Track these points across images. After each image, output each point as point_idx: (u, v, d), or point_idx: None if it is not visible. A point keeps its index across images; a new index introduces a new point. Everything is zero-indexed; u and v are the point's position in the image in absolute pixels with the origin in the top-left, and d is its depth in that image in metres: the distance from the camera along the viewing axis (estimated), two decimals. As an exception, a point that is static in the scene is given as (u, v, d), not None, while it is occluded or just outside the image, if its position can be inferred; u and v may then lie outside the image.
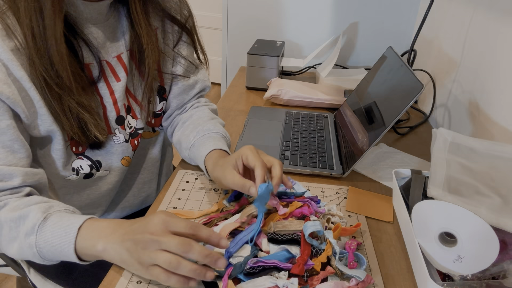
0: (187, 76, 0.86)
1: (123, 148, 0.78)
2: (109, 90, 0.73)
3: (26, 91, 0.62)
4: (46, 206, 0.60)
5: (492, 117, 0.89)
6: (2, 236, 0.60)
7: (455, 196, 0.62)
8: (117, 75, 0.74)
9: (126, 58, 0.75)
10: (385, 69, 0.96)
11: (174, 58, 0.84)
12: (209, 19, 3.05)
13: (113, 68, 0.73)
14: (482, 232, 0.57)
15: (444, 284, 0.57)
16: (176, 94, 0.87)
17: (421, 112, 1.25)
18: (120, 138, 0.77)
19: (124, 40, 0.75)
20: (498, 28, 0.89)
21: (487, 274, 0.57)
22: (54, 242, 0.56)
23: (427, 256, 0.60)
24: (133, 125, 0.79)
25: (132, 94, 0.79)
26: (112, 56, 0.73)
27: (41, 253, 0.58)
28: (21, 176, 0.61)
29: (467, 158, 0.69)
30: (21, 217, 0.58)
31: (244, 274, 0.56)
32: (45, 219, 0.58)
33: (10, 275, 1.50)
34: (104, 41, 0.72)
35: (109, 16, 0.72)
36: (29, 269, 0.88)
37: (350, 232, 0.66)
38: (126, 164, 0.81)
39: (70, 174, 0.73)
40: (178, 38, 0.83)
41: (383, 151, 0.98)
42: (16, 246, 0.59)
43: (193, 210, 0.73)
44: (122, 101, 0.75)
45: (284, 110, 1.15)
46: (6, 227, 0.59)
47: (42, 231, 0.57)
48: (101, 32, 0.71)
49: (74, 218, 0.59)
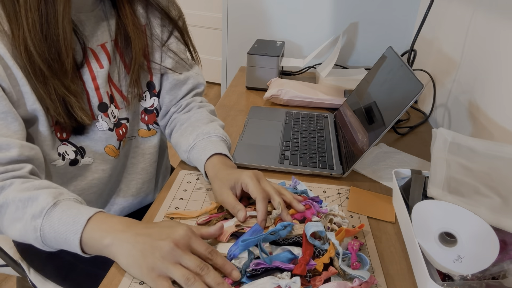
0: (178, 72, 0.87)
1: (107, 136, 0.78)
2: (91, 75, 0.73)
3: (10, 69, 0.62)
4: (57, 192, 0.60)
5: (492, 117, 0.89)
6: (6, 215, 0.60)
7: (455, 196, 0.62)
8: (100, 62, 0.75)
9: (110, 47, 0.76)
10: (385, 69, 0.96)
11: (164, 52, 0.85)
12: (209, 19, 3.04)
13: (96, 55, 0.74)
14: (482, 232, 0.57)
15: (444, 284, 0.57)
16: (167, 89, 0.87)
17: (421, 112, 1.25)
18: (103, 125, 0.77)
19: (109, 30, 0.76)
20: (498, 28, 0.89)
21: (487, 274, 0.57)
22: (60, 229, 0.56)
23: (427, 256, 0.60)
24: (116, 115, 0.80)
25: (115, 84, 0.79)
26: (96, 44, 0.74)
27: (44, 238, 0.57)
28: (18, 148, 0.62)
29: (467, 158, 0.69)
30: (30, 198, 0.58)
31: (246, 276, 0.56)
32: (55, 205, 0.58)
33: (10, 275, 1.50)
34: (89, 29, 0.73)
35: (95, 6, 0.74)
36: (29, 269, 0.88)
37: (353, 232, 0.66)
38: (111, 154, 0.81)
39: (56, 158, 0.73)
40: (168, 35, 0.84)
41: (383, 151, 0.99)
42: (19, 227, 0.59)
43: (195, 210, 0.73)
44: (104, 88, 0.76)
45: (284, 110, 1.15)
46: (13, 206, 0.59)
47: (49, 216, 0.57)
48: (87, 20, 0.73)
49: (84, 208, 0.59)
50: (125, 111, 0.81)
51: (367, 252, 0.66)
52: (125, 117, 0.82)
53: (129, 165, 0.88)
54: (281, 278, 0.55)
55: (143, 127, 0.87)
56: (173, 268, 0.52)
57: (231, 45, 1.65)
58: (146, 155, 0.90)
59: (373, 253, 0.66)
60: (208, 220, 0.69)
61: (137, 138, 0.87)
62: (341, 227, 0.63)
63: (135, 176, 0.90)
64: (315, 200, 0.70)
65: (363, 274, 0.56)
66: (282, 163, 0.88)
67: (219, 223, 0.63)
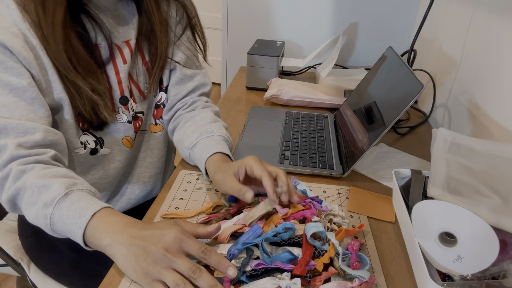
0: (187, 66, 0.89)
1: (125, 127, 0.82)
2: (115, 70, 0.77)
3: (40, 59, 0.66)
4: (71, 182, 0.61)
5: (493, 117, 0.89)
6: (24, 198, 0.61)
7: (455, 196, 0.62)
8: (124, 58, 0.78)
9: (133, 44, 0.79)
10: (385, 69, 0.96)
11: (177, 47, 0.87)
12: (209, 19, 3.04)
13: (121, 50, 0.78)
14: (482, 232, 0.57)
15: (444, 284, 0.57)
16: (174, 82, 0.89)
17: (421, 112, 1.25)
18: (123, 117, 0.81)
19: (132, 29, 0.79)
20: (498, 28, 0.89)
21: (487, 274, 0.57)
22: (67, 221, 0.57)
23: (427, 256, 0.60)
24: (134, 109, 0.83)
25: (133, 79, 0.82)
26: (121, 41, 0.78)
27: (53, 226, 0.59)
28: (43, 132, 0.65)
29: (467, 158, 0.69)
30: (44, 186, 0.59)
31: (246, 277, 0.56)
32: (66, 195, 0.59)
33: (10, 275, 1.50)
34: (114, 26, 0.76)
35: (118, 6, 0.77)
36: (29, 268, 0.88)
37: (353, 232, 0.66)
38: (127, 145, 0.84)
39: (79, 147, 0.76)
40: (183, 30, 0.87)
41: (383, 151, 0.99)
42: (33, 212, 0.60)
43: (191, 210, 0.73)
44: (126, 83, 0.79)
45: (284, 110, 1.15)
46: (29, 191, 0.60)
47: (60, 206, 0.58)
48: (111, 19, 0.76)
49: (92, 202, 0.59)
50: (141, 105, 0.84)
51: (367, 252, 0.66)
52: (141, 111, 0.85)
53: (140, 158, 0.91)
54: (281, 278, 0.55)
55: (152, 121, 0.90)
56: (165, 273, 0.52)
57: (231, 45, 1.65)
58: (154, 150, 0.92)
59: (373, 253, 0.66)
60: (207, 220, 0.69)
61: (149, 132, 0.90)
62: (341, 227, 0.63)
63: (144, 169, 0.92)
64: (315, 200, 0.70)
65: (363, 274, 0.56)
66: (282, 163, 0.88)
67: (217, 223, 0.63)
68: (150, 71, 0.84)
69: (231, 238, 0.63)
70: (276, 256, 0.59)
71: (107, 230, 0.56)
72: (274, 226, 0.64)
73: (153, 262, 0.53)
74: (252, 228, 0.62)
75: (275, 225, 0.64)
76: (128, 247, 0.55)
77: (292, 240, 0.61)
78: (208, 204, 0.73)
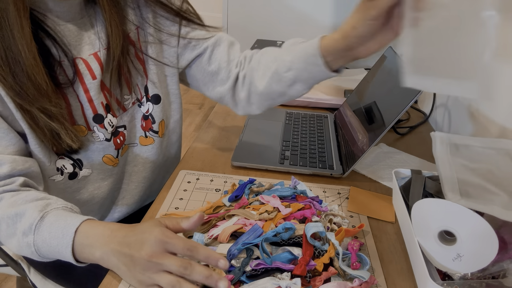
0: None
1: (104, 146, 0.75)
2: (83, 87, 0.70)
3: None
4: (43, 204, 0.59)
5: (493, 117, 0.89)
6: (1, 231, 0.60)
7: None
8: (93, 73, 0.71)
9: (103, 56, 0.72)
10: (385, 69, 0.96)
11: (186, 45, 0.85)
12: (209, 19, 3.05)
13: (89, 65, 0.70)
14: (481, 230, 0.57)
15: (444, 284, 0.57)
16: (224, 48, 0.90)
17: (421, 112, 1.25)
18: (99, 136, 0.74)
19: (99, 38, 0.72)
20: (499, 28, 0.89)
21: (487, 274, 0.57)
22: (52, 243, 0.56)
23: (427, 255, 0.60)
24: (114, 123, 0.76)
25: (110, 91, 0.75)
26: (88, 54, 0.70)
27: (39, 252, 0.58)
28: (9, 163, 0.61)
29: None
30: (17, 214, 0.58)
31: (246, 277, 0.56)
32: (42, 218, 0.57)
33: (10, 275, 1.50)
34: (79, 39, 0.69)
35: (83, 14, 0.70)
36: (29, 269, 0.88)
37: (353, 232, 0.66)
38: (109, 163, 0.78)
39: (54, 174, 0.71)
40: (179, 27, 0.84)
41: (383, 151, 0.99)
42: (15, 243, 0.59)
43: (191, 210, 0.73)
44: (98, 99, 0.72)
45: (284, 110, 1.15)
46: (4, 223, 0.59)
47: (39, 231, 0.56)
48: (76, 29, 0.69)
49: (71, 218, 0.58)
50: (121, 118, 0.78)
51: (367, 252, 0.66)
52: (123, 125, 0.79)
53: (132, 173, 0.85)
54: (281, 278, 0.55)
55: (142, 134, 0.83)
56: (157, 277, 0.51)
57: (231, 45, 1.65)
58: (147, 164, 0.86)
59: (373, 253, 0.66)
60: (207, 220, 0.69)
61: (138, 145, 0.84)
62: (341, 227, 0.63)
63: (137, 184, 0.87)
64: (315, 200, 0.70)
65: (363, 274, 0.56)
66: (282, 163, 0.88)
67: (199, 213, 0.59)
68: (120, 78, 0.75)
69: (231, 238, 0.63)
70: (276, 256, 0.59)
71: (94, 245, 0.56)
72: (274, 226, 0.64)
73: (142, 270, 0.52)
74: (252, 228, 0.62)
75: (275, 225, 0.64)
76: (118, 258, 0.54)
77: (292, 240, 0.61)
78: (208, 204, 0.73)
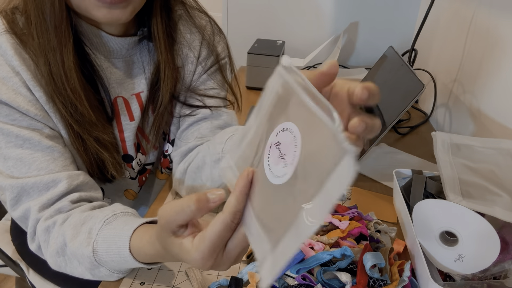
0: None
1: (128, 182, 0.76)
2: (118, 127, 0.69)
3: (46, 112, 0.60)
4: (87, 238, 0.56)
5: (493, 117, 0.88)
6: (73, 269, 0.61)
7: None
8: (132, 114, 0.69)
9: (145, 97, 0.70)
10: (385, 69, 0.96)
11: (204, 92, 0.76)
12: (209, 19, 3.04)
13: (129, 105, 0.69)
14: (482, 231, 0.56)
15: (446, 285, 0.56)
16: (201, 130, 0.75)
17: (422, 112, 1.24)
18: (125, 174, 0.74)
19: (146, 78, 0.70)
20: (500, 28, 0.89)
21: (488, 275, 0.57)
22: (118, 261, 0.55)
23: (428, 256, 0.60)
24: (143, 161, 0.76)
25: (142, 130, 0.74)
26: (130, 93, 0.69)
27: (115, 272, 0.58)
28: (66, 180, 0.59)
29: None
30: (70, 259, 0.59)
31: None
32: (95, 252, 0.55)
33: (9, 276, 1.49)
34: (124, 77, 0.68)
35: (135, 51, 0.68)
36: (28, 269, 0.88)
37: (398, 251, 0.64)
38: (130, 197, 0.79)
39: None
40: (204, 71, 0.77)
41: (383, 151, 0.98)
42: (88, 276, 0.60)
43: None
44: (132, 141, 0.70)
45: (284, 110, 1.14)
46: (75, 261, 0.59)
47: (101, 262, 0.56)
48: (123, 66, 0.67)
49: (119, 240, 0.54)
50: (152, 155, 0.78)
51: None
52: (151, 162, 0.79)
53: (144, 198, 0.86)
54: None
55: (159, 168, 0.84)
56: (233, 256, 0.42)
57: (231, 45, 1.64)
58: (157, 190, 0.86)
59: (373, 253, 0.65)
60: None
61: (154, 177, 0.85)
62: (403, 261, 0.60)
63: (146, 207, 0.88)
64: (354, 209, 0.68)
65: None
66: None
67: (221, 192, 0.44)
68: None
69: None
70: None
71: (150, 258, 0.53)
72: (327, 243, 0.61)
73: (216, 266, 0.43)
74: (319, 255, 0.57)
75: (329, 245, 0.61)
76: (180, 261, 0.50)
77: (344, 266, 0.57)
78: None
